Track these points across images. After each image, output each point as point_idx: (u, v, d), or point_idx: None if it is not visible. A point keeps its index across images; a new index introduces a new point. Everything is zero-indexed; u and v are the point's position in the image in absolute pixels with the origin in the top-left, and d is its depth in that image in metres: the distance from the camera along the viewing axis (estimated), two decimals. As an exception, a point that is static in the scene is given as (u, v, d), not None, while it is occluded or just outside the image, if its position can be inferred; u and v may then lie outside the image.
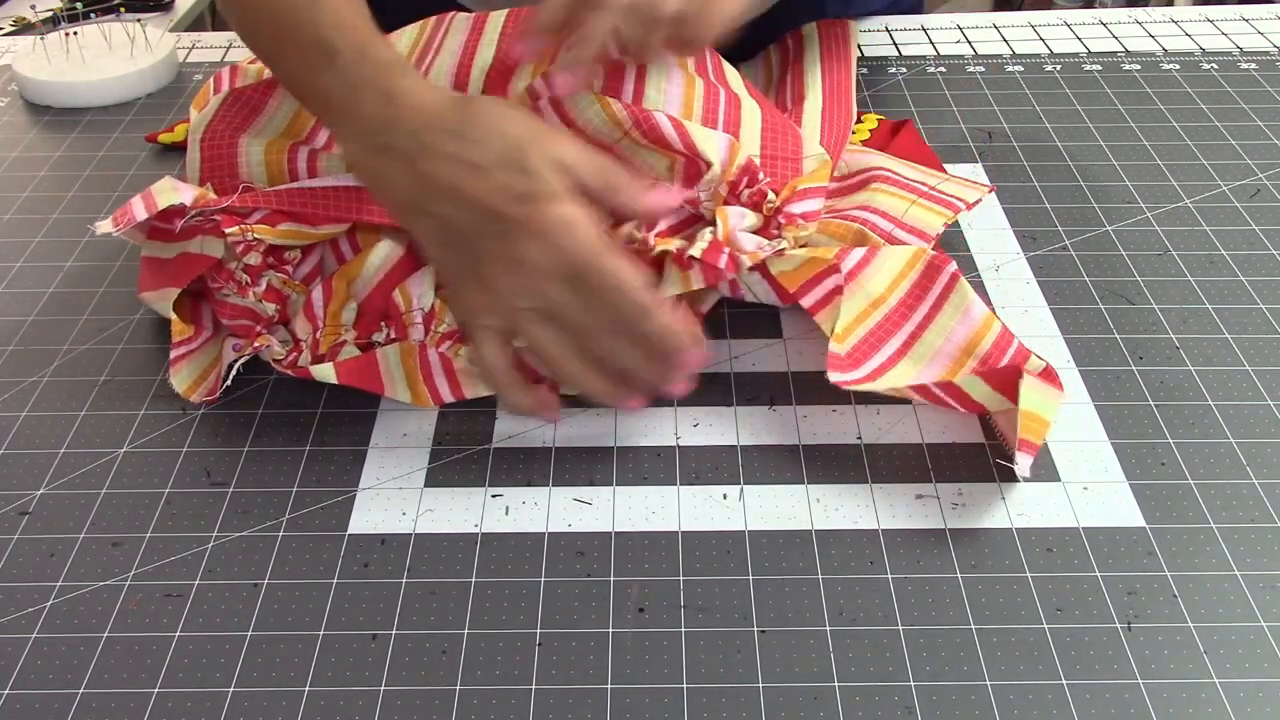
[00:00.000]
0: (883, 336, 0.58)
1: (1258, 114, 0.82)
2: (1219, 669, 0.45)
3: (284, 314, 0.60)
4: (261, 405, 0.59)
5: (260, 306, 0.59)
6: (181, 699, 0.45)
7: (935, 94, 0.85)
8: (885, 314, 0.58)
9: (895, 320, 0.58)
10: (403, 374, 0.57)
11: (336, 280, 0.60)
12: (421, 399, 0.57)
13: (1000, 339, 0.57)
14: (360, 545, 0.51)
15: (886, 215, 0.63)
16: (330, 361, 0.58)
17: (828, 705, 0.44)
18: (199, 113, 0.67)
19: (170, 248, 0.60)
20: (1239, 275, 0.66)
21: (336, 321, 0.59)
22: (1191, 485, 0.53)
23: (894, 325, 0.58)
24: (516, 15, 0.65)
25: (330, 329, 0.59)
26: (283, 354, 0.58)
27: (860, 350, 0.57)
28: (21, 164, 0.81)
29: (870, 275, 0.58)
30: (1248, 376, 0.59)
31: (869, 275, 0.58)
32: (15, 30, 1.37)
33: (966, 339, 0.57)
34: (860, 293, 0.58)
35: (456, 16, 0.68)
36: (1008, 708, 0.44)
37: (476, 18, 0.66)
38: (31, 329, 0.65)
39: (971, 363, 0.56)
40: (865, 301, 0.58)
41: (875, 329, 0.58)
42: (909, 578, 0.49)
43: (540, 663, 0.46)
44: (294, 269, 0.61)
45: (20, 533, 0.52)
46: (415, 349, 0.58)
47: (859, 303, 0.58)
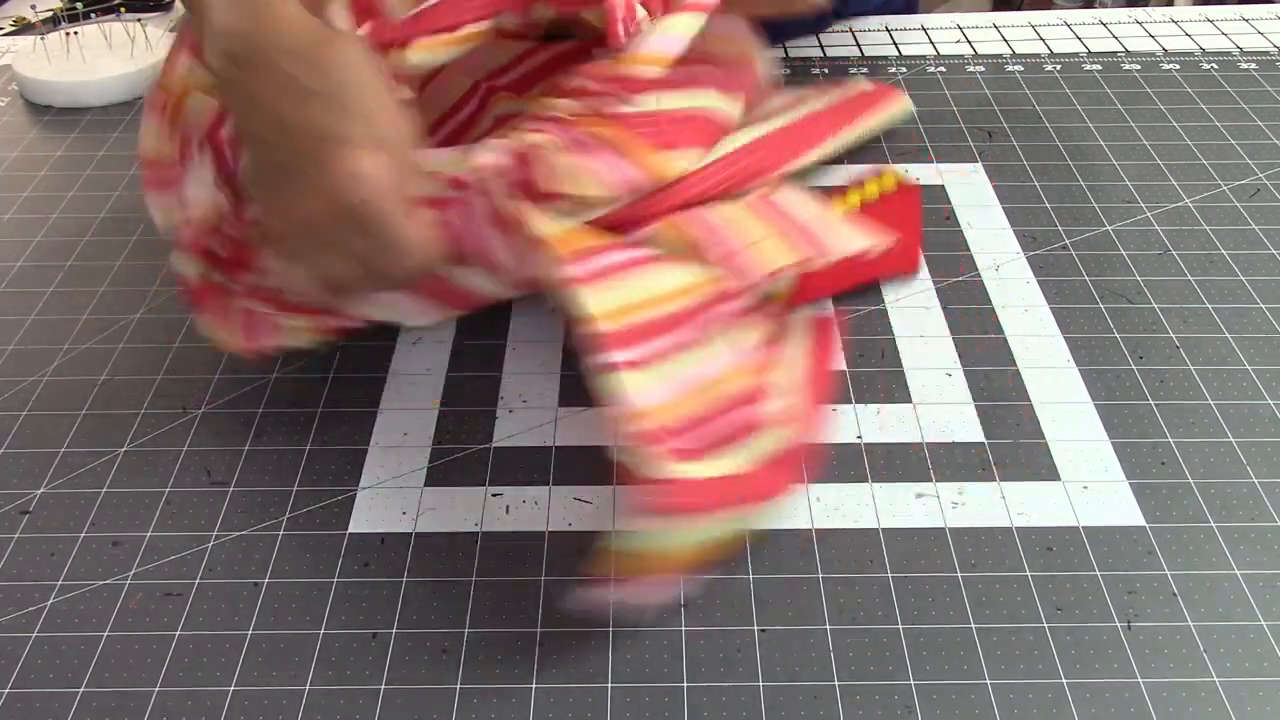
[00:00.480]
0: (663, 328, 0.53)
1: (1258, 114, 0.82)
2: (1219, 668, 0.45)
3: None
4: (261, 405, 0.59)
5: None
6: (181, 699, 0.45)
7: (935, 94, 0.85)
8: (672, 312, 0.53)
9: (664, 326, 0.53)
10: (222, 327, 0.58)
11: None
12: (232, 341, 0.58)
13: (746, 393, 0.50)
14: (360, 545, 0.51)
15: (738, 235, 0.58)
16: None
17: (828, 705, 0.44)
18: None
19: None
20: (1239, 275, 0.66)
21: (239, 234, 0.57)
22: (1191, 485, 0.53)
23: (656, 330, 0.53)
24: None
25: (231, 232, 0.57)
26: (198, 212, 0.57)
27: (638, 331, 0.52)
28: (21, 164, 0.81)
29: (652, 274, 0.54)
30: (1248, 376, 0.59)
31: (653, 271, 0.55)
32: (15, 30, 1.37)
33: (718, 373, 0.51)
34: (638, 284, 0.54)
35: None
36: (1008, 707, 0.44)
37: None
38: (31, 329, 0.65)
39: (708, 400, 0.50)
40: (642, 294, 0.53)
41: (657, 321, 0.53)
42: (909, 578, 0.49)
43: (540, 663, 0.46)
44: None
45: (20, 532, 0.52)
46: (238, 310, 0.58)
47: (635, 293, 0.53)
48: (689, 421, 0.49)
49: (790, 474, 0.50)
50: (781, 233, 0.59)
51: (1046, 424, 0.57)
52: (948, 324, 0.63)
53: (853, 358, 0.61)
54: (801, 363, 0.55)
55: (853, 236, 0.61)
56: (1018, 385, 0.59)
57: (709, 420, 0.49)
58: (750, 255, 0.58)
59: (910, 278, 0.66)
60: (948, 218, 0.71)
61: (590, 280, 0.53)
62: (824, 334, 0.58)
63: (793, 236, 0.59)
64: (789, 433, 0.50)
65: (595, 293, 0.52)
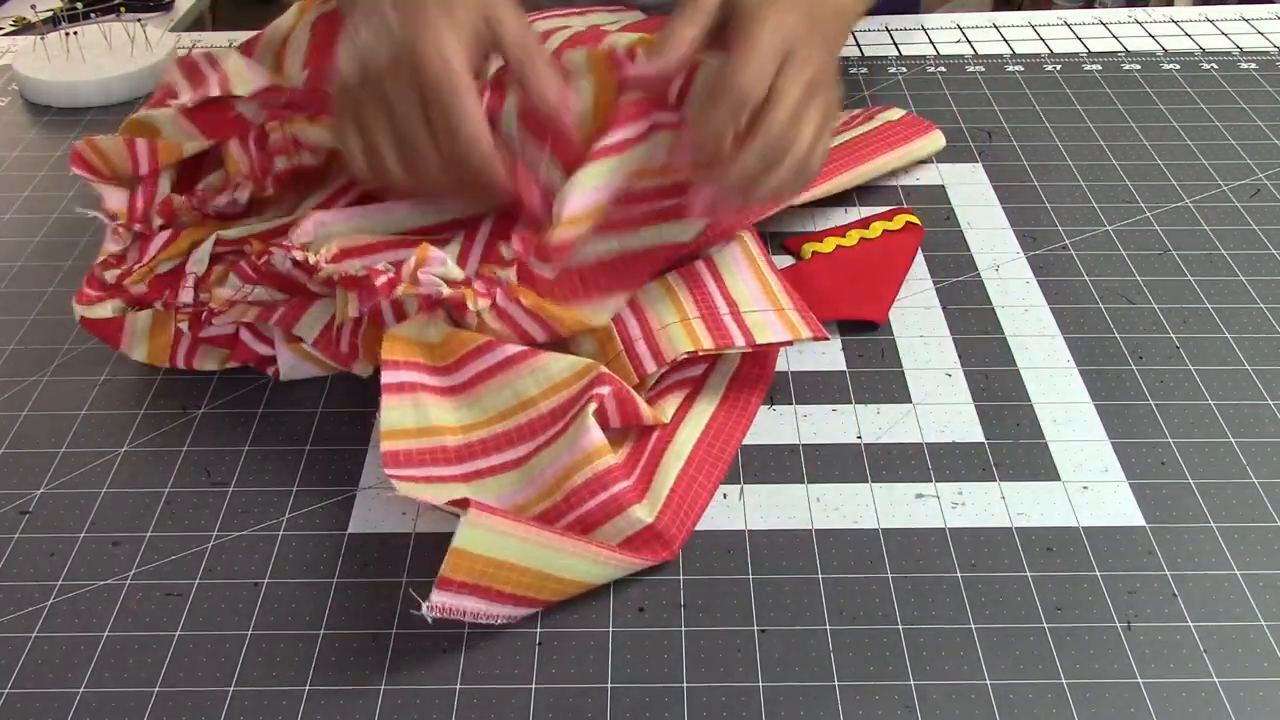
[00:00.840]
0: (513, 441, 0.52)
1: (1258, 114, 0.82)
2: (1219, 669, 0.45)
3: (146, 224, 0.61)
4: (261, 405, 0.59)
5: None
6: (181, 699, 0.45)
7: (935, 94, 0.85)
8: (529, 419, 0.52)
9: (532, 430, 0.52)
10: (146, 339, 0.59)
11: (186, 235, 0.60)
12: (157, 358, 0.59)
13: (597, 478, 0.49)
14: (360, 545, 0.51)
15: (645, 322, 0.57)
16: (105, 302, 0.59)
17: (828, 705, 0.44)
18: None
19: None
20: (1239, 275, 0.66)
21: (152, 269, 0.59)
22: (1191, 485, 0.53)
23: (531, 433, 0.52)
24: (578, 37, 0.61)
25: (143, 273, 0.59)
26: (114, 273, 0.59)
27: (482, 445, 0.53)
28: (21, 164, 0.81)
29: (523, 375, 0.53)
30: (1248, 376, 0.59)
31: (521, 375, 0.53)
32: (15, 30, 1.37)
33: (564, 468, 0.50)
34: (508, 390, 0.53)
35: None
36: (1008, 707, 0.44)
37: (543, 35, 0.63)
38: (31, 329, 0.65)
39: (558, 495, 0.49)
40: (512, 399, 0.53)
41: (513, 430, 0.53)
42: (909, 578, 0.49)
43: (540, 663, 0.46)
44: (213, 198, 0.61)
45: (20, 532, 0.52)
46: (170, 319, 0.58)
47: (504, 400, 0.53)
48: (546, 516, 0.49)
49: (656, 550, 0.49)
50: (693, 318, 0.57)
51: (1046, 424, 0.57)
52: (948, 324, 0.63)
53: (853, 358, 0.61)
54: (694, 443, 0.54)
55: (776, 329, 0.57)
56: (1018, 385, 0.59)
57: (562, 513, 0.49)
58: (659, 339, 0.56)
59: (876, 326, 0.63)
60: (947, 218, 0.71)
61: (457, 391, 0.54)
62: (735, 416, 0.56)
63: (711, 321, 0.57)
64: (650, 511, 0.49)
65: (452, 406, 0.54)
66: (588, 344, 0.58)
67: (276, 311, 0.57)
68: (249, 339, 0.59)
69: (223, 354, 0.59)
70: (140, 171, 0.61)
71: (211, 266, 0.59)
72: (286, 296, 0.58)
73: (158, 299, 0.59)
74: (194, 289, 0.58)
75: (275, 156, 0.60)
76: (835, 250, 0.67)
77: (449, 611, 0.44)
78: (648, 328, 0.57)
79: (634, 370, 0.55)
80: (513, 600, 0.46)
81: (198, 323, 0.58)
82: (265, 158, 0.60)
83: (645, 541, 0.49)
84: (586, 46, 0.57)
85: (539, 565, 0.46)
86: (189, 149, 0.61)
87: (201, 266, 0.59)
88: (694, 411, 0.56)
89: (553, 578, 0.46)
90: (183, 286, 0.59)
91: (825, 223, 0.70)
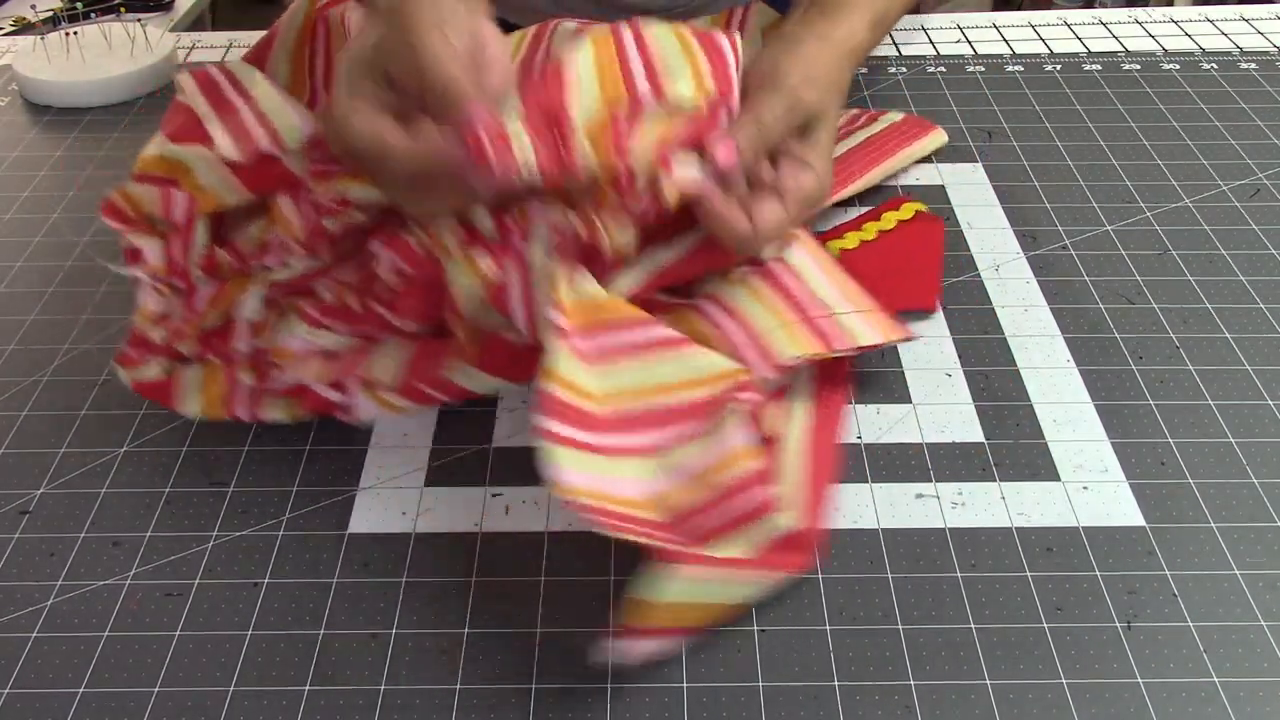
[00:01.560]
0: (650, 423, 0.51)
1: (1258, 114, 0.82)
2: (1219, 669, 0.45)
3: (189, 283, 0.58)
4: (261, 405, 0.59)
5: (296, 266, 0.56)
6: (181, 699, 0.45)
7: (935, 94, 0.85)
8: (666, 406, 0.51)
9: (673, 416, 0.51)
10: (200, 392, 0.56)
11: (233, 286, 0.57)
12: (213, 410, 0.56)
13: (749, 478, 0.48)
14: (360, 545, 0.51)
15: (748, 328, 0.55)
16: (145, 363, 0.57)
17: (828, 705, 0.44)
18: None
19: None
20: (1239, 275, 0.66)
21: (198, 325, 0.57)
22: (1191, 485, 0.53)
23: (669, 420, 0.51)
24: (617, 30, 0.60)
25: (193, 329, 0.56)
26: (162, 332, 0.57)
27: (609, 423, 0.50)
28: (21, 164, 0.81)
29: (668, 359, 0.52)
30: (1248, 376, 0.59)
31: (666, 358, 0.52)
32: (15, 30, 1.37)
33: (712, 463, 0.48)
34: (647, 371, 0.52)
35: (559, 28, 0.64)
36: (1008, 707, 0.44)
37: (580, 28, 0.63)
38: (31, 329, 0.65)
39: (706, 490, 0.48)
40: (648, 380, 0.52)
41: (647, 413, 0.51)
42: (909, 578, 0.49)
43: (540, 663, 0.46)
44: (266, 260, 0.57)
45: (20, 532, 0.52)
46: (221, 369, 0.56)
47: (640, 378, 0.52)
48: (687, 512, 0.48)
49: (797, 557, 0.48)
50: (795, 322, 0.56)
51: (1046, 424, 0.57)
52: (948, 324, 0.63)
53: (852, 358, 0.61)
54: (804, 444, 0.53)
55: (871, 332, 0.56)
56: (1018, 385, 0.59)
57: (707, 510, 0.48)
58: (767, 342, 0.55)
59: (928, 315, 0.63)
60: (947, 218, 0.71)
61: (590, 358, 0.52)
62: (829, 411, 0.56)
63: (804, 327, 0.56)
64: (792, 518, 0.48)
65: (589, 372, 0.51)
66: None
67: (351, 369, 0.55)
68: (319, 388, 0.55)
69: (290, 403, 0.56)
70: (173, 218, 0.57)
71: (266, 310, 0.57)
72: (356, 341, 0.56)
73: (210, 353, 0.56)
74: (250, 336, 0.56)
75: (324, 217, 0.55)
76: (859, 245, 0.67)
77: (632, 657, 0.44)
78: (750, 331, 0.55)
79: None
80: (678, 634, 0.46)
81: (264, 373, 0.56)
82: (315, 217, 0.55)
83: (786, 547, 0.48)
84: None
85: (706, 599, 0.46)
86: (230, 201, 0.57)
87: (254, 312, 0.56)
88: (791, 417, 0.55)
89: (717, 606, 0.47)
90: (238, 335, 0.56)
91: (828, 222, 0.70)
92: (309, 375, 0.55)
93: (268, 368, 0.56)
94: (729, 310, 0.56)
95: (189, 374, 0.56)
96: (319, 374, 0.55)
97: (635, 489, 0.48)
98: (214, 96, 0.60)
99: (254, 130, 0.57)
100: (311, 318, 0.55)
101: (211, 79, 0.61)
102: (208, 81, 0.61)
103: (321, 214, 0.55)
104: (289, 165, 0.56)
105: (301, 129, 0.56)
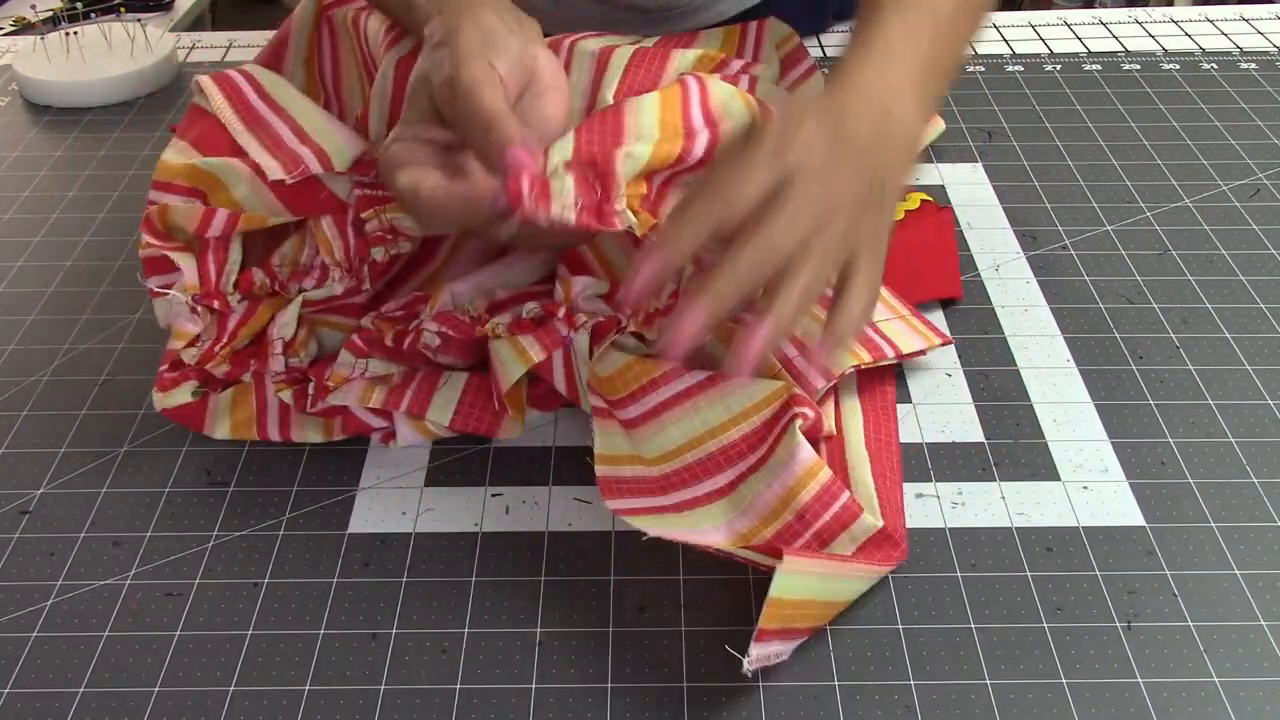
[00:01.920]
0: (710, 470, 0.51)
1: (1258, 114, 0.82)
2: (1219, 669, 0.45)
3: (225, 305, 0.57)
4: (261, 405, 0.59)
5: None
6: (181, 699, 0.45)
7: (935, 94, 0.85)
8: (721, 447, 0.52)
9: (730, 457, 0.51)
10: (228, 414, 0.56)
11: (265, 307, 0.56)
12: (242, 431, 0.56)
13: (825, 491, 0.48)
14: (360, 545, 0.51)
15: (796, 340, 0.55)
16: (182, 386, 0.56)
17: (828, 705, 0.44)
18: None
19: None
20: (1239, 275, 0.66)
21: (230, 347, 0.56)
22: (1191, 485, 0.53)
23: (727, 461, 0.51)
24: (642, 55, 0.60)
25: (225, 351, 0.56)
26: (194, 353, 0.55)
27: (679, 476, 0.52)
28: (21, 164, 0.81)
29: (711, 402, 0.53)
30: (1248, 376, 0.59)
31: (709, 402, 0.53)
32: (15, 30, 1.37)
33: (786, 488, 0.49)
34: (696, 418, 0.52)
35: (579, 48, 0.63)
36: (1008, 707, 0.44)
37: (601, 52, 0.62)
38: (31, 329, 0.65)
39: (788, 515, 0.48)
40: (700, 428, 0.52)
41: (705, 460, 0.52)
42: (909, 577, 0.49)
43: (540, 663, 0.46)
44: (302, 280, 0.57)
45: (20, 532, 0.52)
46: (251, 390, 0.56)
47: (692, 428, 0.52)
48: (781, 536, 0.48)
49: (891, 551, 0.48)
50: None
51: (1046, 424, 0.57)
52: (948, 324, 0.63)
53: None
54: (865, 442, 0.54)
55: (913, 338, 0.58)
56: (1018, 385, 0.59)
57: (796, 534, 0.48)
58: (816, 355, 0.55)
59: (955, 301, 0.64)
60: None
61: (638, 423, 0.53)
62: (883, 407, 0.57)
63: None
64: (876, 516, 0.49)
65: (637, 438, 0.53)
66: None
67: (404, 398, 0.54)
68: (360, 411, 0.56)
69: (324, 424, 0.56)
70: (208, 234, 0.55)
71: (298, 329, 0.56)
72: (401, 368, 0.56)
73: (243, 372, 0.56)
74: (284, 355, 0.56)
75: (372, 246, 0.55)
76: None
77: (765, 661, 0.44)
78: (798, 343, 0.55)
79: (801, 387, 0.53)
80: (800, 634, 0.46)
81: (302, 394, 0.55)
82: (362, 245, 0.55)
83: (878, 545, 0.48)
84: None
85: (827, 596, 0.46)
86: (272, 221, 0.56)
87: (289, 331, 0.56)
88: (847, 415, 0.55)
89: (834, 604, 0.47)
90: (271, 354, 0.56)
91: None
92: (354, 401, 0.54)
93: (317, 393, 0.55)
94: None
95: (219, 398, 0.56)
96: (365, 399, 0.54)
97: (720, 535, 0.49)
98: (242, 107, 0.59)
99: (298, 149, 0.56)
100: (356, 347, 0.55)
101: (236, 86, 0.60)
102: (232, 89, 0.60)
103: (371, 243, 0.55)
104: (334, 190, 0.56)
105: (349, 151, 0.55)
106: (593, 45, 0.62)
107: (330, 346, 0.57)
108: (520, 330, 0.54)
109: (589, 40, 0.63)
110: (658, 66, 0.60)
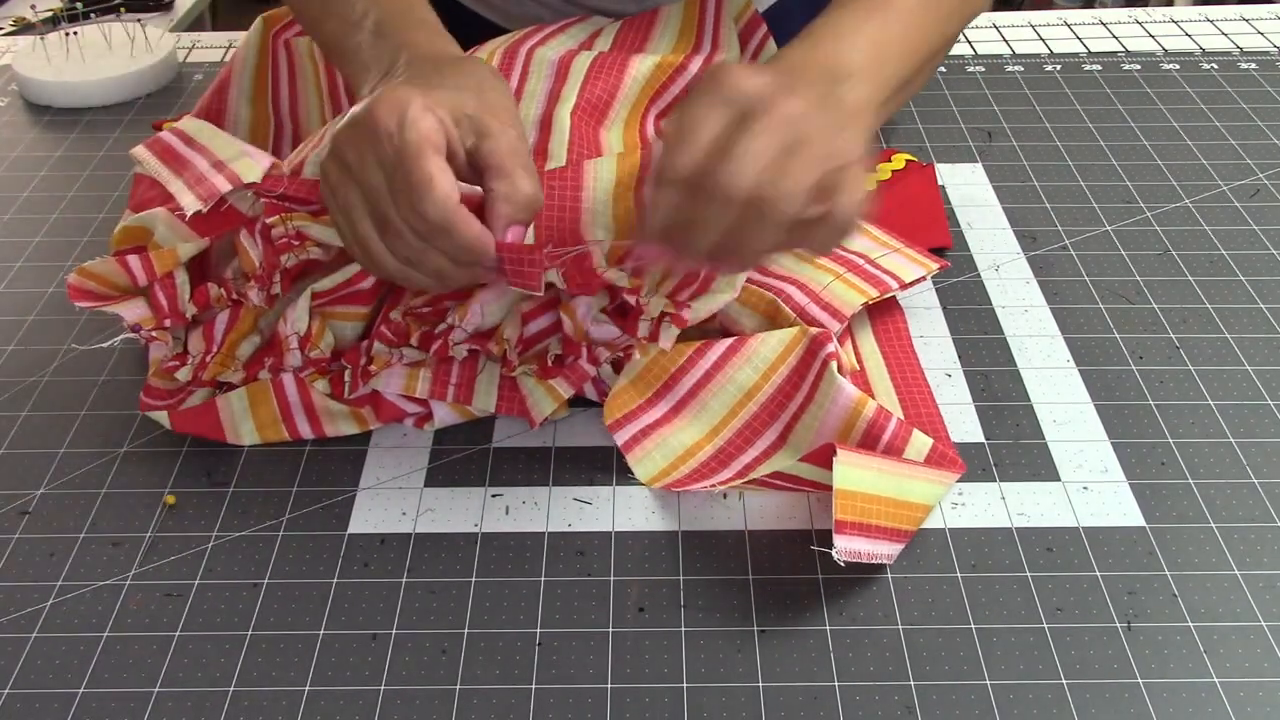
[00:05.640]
0: (758, 429, 0.55)
1: (1258, 114, 0.82)
2: (1219, 669, 0.45)
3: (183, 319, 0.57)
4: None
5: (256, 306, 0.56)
6: (181, 699, 0.45)
7: (935, 94, 0.85)
8: (761, 404, 0.55)
9: (772, 410, 0.55)
10: (249, 416, 0.56)
11: (245, 311, 0.57)
12: (270, 433, 0.56)
13: (876, 420, 0.52)
14: (360, 545, 0.51)
15: (805, 288, 0.58)
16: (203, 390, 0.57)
17: (828, 705, 0.44)
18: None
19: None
20: (1239, 275, 0.66)
21: (232, 352, 0.57)
22: (1191, 485, 0.53)
23: (770, 416, 0.55)
24: (601, 61, 0.62)
25: (223, 358, 0.57)
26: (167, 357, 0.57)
27: (733, 445, 0.55)
28: (21, 164, 0.81)
29: (739, 366, 0.56)
30: (1248, 376, 0.59)
31: (737, 366, 0.56)
32: (15, 30, 1.37)
33: (840, 424, 0.52)
34: (731, 385, 0.56)
35: (537, 55, 0.64)
36: (1008, 708, 0.44)
37: (561, 61, 0.63)
38: (31, 329, 0.65)
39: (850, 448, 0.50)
40: (737, 394, 0.55)
41: (751, 420, 0.55)
42: (909, 578, 0.49)
43: (540, 663, 0.46)
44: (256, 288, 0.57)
45: (20, 532, 0.52)
46: (269, 388, 0.56)
47: (730, 396, 0.56)
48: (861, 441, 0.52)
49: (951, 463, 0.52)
50: (845, 273, 0.60)
51: (1046, 424, 0.57)
52: (948, 324, 0.63)
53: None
54: (888, 372, 0.58)
55: (911, 267, 0.62)
56: (1018, 385, 0.59)
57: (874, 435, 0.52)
58: (828, 296, 0.58)
59: (945, 250, 0.67)
60: (948, 218, 0.71)
61: (679, 411, 0.56)
62: (897, 335, 0.60)
63: (854, 276, 0.60)
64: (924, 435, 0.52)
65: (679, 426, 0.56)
66: (750, 321, 0.58)
67: (448, 388, 0.56)
68: (393, 396, 0.56)
69: (360, 415, 0.57)
70: (141, 284, 0.57)
71: (310, 323, 0.56)
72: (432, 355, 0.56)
73: (260, 370, 0.56)
74: (300, 350, 0.56)
75: (281, 254, 0.55)
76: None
77: (855, 556, 0.47)
78: (810, 291, 0.58)
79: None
80: (884, 535, 0.48)
81: (339, 382, 0.56)
82: (273, 252, 0.55)
83: (938, 459, 0.52)
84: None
85: (895, 494, 0.49)
86: (184, 252, 0.56)
87: (303, 325, 0.56)
88: (865, 353, 0.59)
89: (906, 504, 0.49)
90: (287, 350, 0.56)
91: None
92: (398, 388, 0.56)
93: (356, 378, 0.56)
94: (784, 278, 0.60)
95: (234, 401, 0.56)
96: (410, 387, 0.56)
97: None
98: (170, 157, 0.61)
99: (214, 179, 0.57)
100: (386, 337, 0.56)
101: (164, 143, 0.62)
102: (161, 147, 0.62)
103: (279, 250, 0.55)
104: (239, 206, 0.57)
105: (258, 167, 0.56)
106: (551, 53, 0.64)
107: (344, 337, 0.57)
108: (547, 375, 0.55)
109: (547, 46, 0.64)
110: (616, 75, 0.63)
